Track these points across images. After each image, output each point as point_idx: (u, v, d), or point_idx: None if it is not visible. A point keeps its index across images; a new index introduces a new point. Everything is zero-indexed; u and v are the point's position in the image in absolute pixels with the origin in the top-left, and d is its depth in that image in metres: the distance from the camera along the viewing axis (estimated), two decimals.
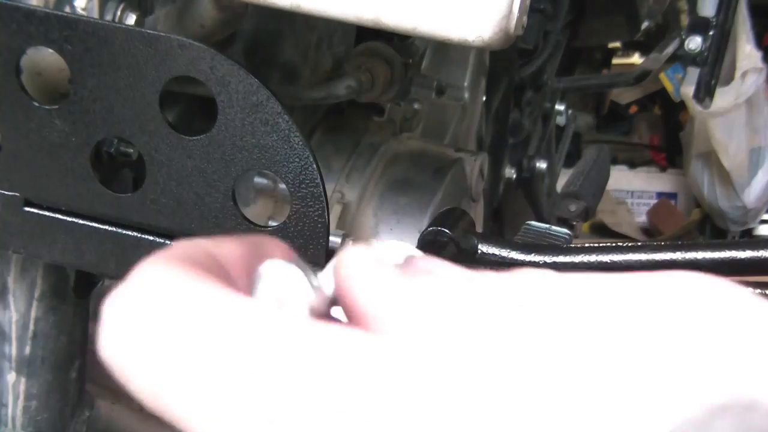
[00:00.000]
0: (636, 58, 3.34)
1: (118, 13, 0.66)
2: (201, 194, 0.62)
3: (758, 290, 0.50)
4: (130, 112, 0.61)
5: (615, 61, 2.92)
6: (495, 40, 0.57)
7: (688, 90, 2.56)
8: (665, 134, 3.81)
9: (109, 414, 1.12)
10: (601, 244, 0.60)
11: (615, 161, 3.55)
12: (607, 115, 3.75)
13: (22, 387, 0.81)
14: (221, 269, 0.31)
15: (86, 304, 0.84)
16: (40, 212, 0.67)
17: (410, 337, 0.29)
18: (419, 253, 0.38)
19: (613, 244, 0.59)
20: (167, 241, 0.65)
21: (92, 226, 0.66)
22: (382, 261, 0.33)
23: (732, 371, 0.26)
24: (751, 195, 3.23)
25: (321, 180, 0.61)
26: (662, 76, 3.49)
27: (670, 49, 1.60)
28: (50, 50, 0.61)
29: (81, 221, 0.66)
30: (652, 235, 3.58)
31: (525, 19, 0.59)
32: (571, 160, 2.19)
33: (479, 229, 1.04)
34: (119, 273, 0.67)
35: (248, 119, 0.59)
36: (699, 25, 1.57)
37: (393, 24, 0.58)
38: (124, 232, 0.66)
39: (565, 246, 0.63)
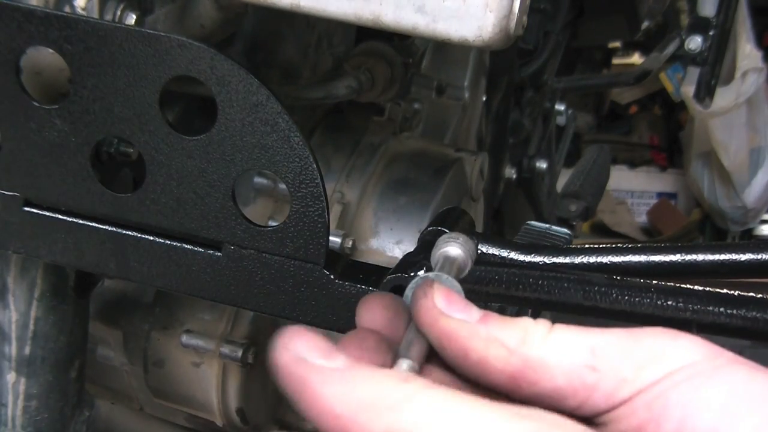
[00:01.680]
0: (636, 58, 3.34)
1: (118, 13, 0.66)
2: (201, 194, 0.62)
3: (759, 294, 0.50)
4: (129, 112, 0.61)
5: (615, 61, 2.92)
6: (495, 40, 0.57)
7: (688, 90, 2.56)
8: (665, 134, 3.81)
9: (109, 414, 1.13)
10: (601, 245, 0.60)
11: (615, 161, 3.55)
12: (607, 115, 3.75)
13: (22, 387, 0.81)
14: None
15: (86, 304, 0.84)
16: (40, 212, 0.66)
17: None
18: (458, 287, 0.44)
19: (613, 245, 0.59)
20: (167, 241, 0.65)
21: (92, 226, 0.66)
22: None
23: None
24: (751, 195, 3.23)
25: (321, 180, 0.61)
26: (662, 76, 3.48)
27: (670, 49, 1.60)
28: (50, 50, 0.61)
29: (81, 221, 0.66)
30: (652, 235, 3.57)
31: (525, 19, 0.59)
32: (571, 160, 2.19)
33: (479, 229, 1.04)
34: (119, 273, 0.67)
35: (248, 119, 0.59)
36: (699, 25, 1.57)
37: (393, 24, 0.58)
38: (124, 232, 0.66)
39: (565, 246, 0.63)
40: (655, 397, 0.37)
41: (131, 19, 0.67)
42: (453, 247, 0.46)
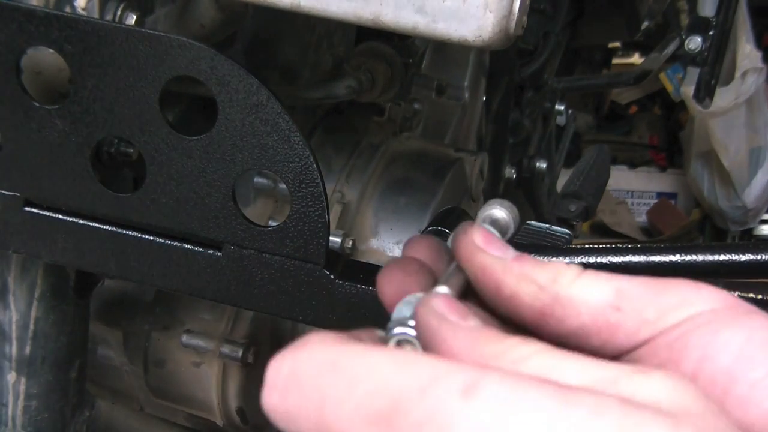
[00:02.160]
0: (636, 58, 3.35)
1: (118, 13, 0.66)
2: (201, 194, 0.62)
3: (759, 294, 0.50)
4: (130, 112, 0.61)
5: (615, 61, 2.92)
6: (495, 40, 0.57)
7: (688, 90, 2.56)
8: (665, 134, 3.81)
9: (109, 414, 1.13)
10: (601, 245, 0.60)
11: (615, 161, 3.55)
12: (607, 115, 3.76)
13: (22, 387, 0.81)
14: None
15: (86, 304, 0.84)
16: (40, 212, 0.67)
17: None
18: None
19: (613, 245, 0.59)
20: (167, 241, 0.65)
21: (92, 226, 0.66)
22: None
23: None
24: (751, 195, 3.23)
25: (321, 180, 0.61)
26: (662, 76, 3.48)
27: (670, 49, 1.60)
28: (50, 50, 0.61)
29: (81, 221, 0.66)
30: (652, 235, 3.58)
31: (525, 19, 0.59)
32: (571, 160, 2.19)
33: None
34: (119, 273, 0.67)
35: (248, 119, 0.59)
36: (699, 25, 1.57)
37: (393, 24, 0.58)
38: (124, 232, 0.66)
39: (565, 246, 0.63)
40: (676, 339, 0.38)
41: (131, 19, 0.67)
42: (498, 210, 0.49)
